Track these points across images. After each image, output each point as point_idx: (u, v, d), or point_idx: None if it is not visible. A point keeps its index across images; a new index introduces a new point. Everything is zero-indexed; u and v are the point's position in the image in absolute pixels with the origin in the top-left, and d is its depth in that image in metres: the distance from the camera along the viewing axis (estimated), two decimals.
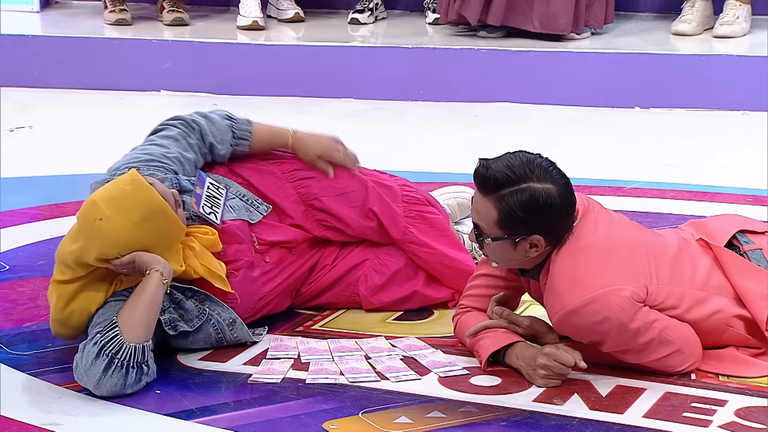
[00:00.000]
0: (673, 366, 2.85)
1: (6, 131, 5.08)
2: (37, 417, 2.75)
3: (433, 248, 3.28)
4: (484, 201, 2.79)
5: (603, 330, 2.78)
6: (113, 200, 2.87)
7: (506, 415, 2.74)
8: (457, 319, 3.04)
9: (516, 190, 2.75)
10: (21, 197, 4.22)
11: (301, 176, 3.25)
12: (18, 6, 6.19)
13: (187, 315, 2.97)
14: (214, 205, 3.07)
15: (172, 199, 2.93)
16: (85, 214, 2.89)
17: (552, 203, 2.75)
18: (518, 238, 2.79)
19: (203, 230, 3.04)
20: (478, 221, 2.82)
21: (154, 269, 2.86)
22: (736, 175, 4.40)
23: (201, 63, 5.65)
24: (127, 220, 2.85)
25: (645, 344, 2.81)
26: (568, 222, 2.82)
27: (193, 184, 3.08)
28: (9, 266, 3.61)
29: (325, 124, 5.24)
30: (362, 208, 3.26)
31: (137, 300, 2.85)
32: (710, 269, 2.92)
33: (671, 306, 2.83)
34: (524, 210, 2.75)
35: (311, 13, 6.09)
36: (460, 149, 4.77)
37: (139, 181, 2.89)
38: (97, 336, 2.82)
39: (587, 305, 2.75)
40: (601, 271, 2.78)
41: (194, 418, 2.75)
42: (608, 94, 5.38)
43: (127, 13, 5.90)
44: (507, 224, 2.78)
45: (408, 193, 3.35)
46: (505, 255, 2.84)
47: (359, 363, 2.98)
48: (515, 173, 2.75)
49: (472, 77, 5.46)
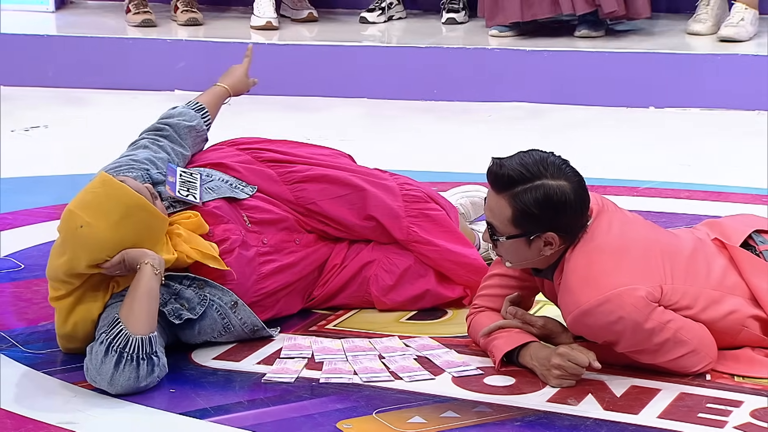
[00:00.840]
0: (687, 366, 2.85)
1: (21, 131, 5.09)
2: (53, 415, 2.76)
3: (437, 245, 3.27)
4: (497, 199, 2.79)
5: (617, 330, 2.77)
6: (89, 205, 2.88)
7: (520, 415, 2.73)
8: (471, 319, 3.04)
9: (530, 188, 2.75)
10: (36, 196, 4.23)
11: (297, 178, 3.25)
12: (33, 6, 6.21)
13: (188, 304, 2.98)
14: (190, 188, 3.09)
15: (147, 193, 2.94)
16: (66, 224, 2.91)
17: (566, 200, 2.75)
18: (532, 236, 2.79)
19: (186, 215, 3.05)
20: (492, 220, 2.82)
21: (144, 262, 2.87)
22: (752, 175, 4.38)
23: (215, 63, 5.63)
24: (107, 221, 2.86)
25: (660, 344, 2.80)
26: (582, 220, 2.81)
27: (165, 175, 3.10)
28: (24, 265, 3.62)
29: (338, 123, 5.25)
30: (361, 211, 3.25)
31: (134, 294, 2.86)
32: (725, 269, 2.91)
33: (686, 306, 2.83)
34: (538, 207, 2.74)
35: (325, 13, 6.09)
36: (473, 149, 4.76)
37: (110, 181, 2.90)
38: (102, 336, 2.83)
39: (601, 305, 2.74)
40: (616, 270, 2.77)
41: (208, 417, 2.75)
42: (622, 94, 5.36)
43: (152, 14, 5.92)
44: (521, 222, 2.77)
45: (408, 191, 3.33)
46: (520, 254, 2.83)
47: (373, 362, 2.98)
48: (529, 171, 2.75)
49: (486, 77, 5.45)
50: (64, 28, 6.02)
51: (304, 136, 4.19)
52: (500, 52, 5.48)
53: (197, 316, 2.98)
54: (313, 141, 3.75)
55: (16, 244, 3.77)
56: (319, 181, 3.25)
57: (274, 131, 3.94)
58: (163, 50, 5.68)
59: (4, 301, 3.37)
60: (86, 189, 2.94)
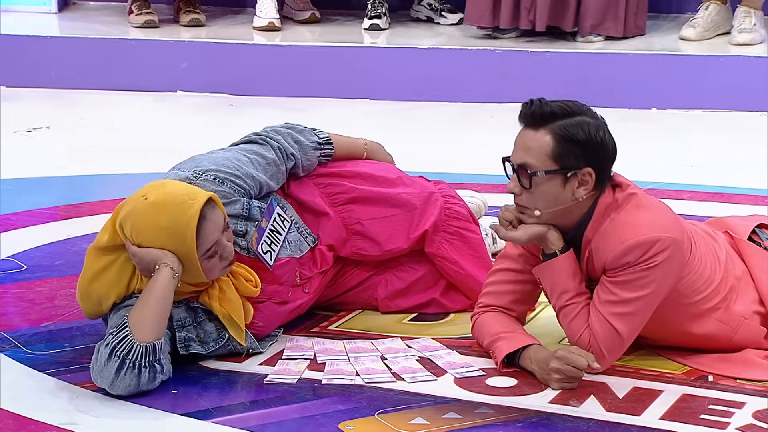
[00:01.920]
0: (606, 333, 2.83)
1: (24, 131, 5.10)
2: (55, 416, 2.76)
3: (462, 268, 3.25)
4: (536, 135, 2.82)
5: (643, 270, 2.76)
6: (166, 195, 2.84)
7: (522, 416, 2.73)
8: (476, 318, 3.03)
9: (573, 121, 2.81)
10: (38, 197, 4.23)
11: (344, 200, 3.21)
12: (36, 7, 6.21)
13: (204, 336, 2.94)
14: (273, 242, 3.00)
15: (217, 234, 2.85)
16: (149, 183, 2.89)
17: (605, 136, 2.82)
18: (570, 172, 2.79)
19: (247, 273, 2.96)
20: (528, 158, 2.81)
21: (163, 264, 2.83)
22: (754, 176, 4.38)
23: (217, 63, 5.66)
24: (156, 217, 2.83)
25: (635, 298, 2.81)
26: (611, 165, 2.85)
27: (262, 213, 3.02)
28: (26, 266, 3.62)
29: (340, 124, 5.24)
30: (405, 232, 3.21)
31: (147, 297, 2.83)
32: (734, 258, 2.94)
33: (706, 280, 2.86)
34: (582, 137, 2.79)
35: (327, 14, 6.09)
36: (475, 150, 4.76)
37: (197, 208, 2.81)
38: (110, 337, 2.82)
39: (660, 242, 2.76)
40: (676, 220, 2.83)
41: (210, 418, 2.75)
42: (625, 95, 5.36)
43: (154, 15, 5.92)
44: (562, 154, 2.79)
45: (451, 206, 3.31)
46: (553, 195, 2.82)
47: (375, 364, 2.98)
48: (570, 107, 2.84)
49: (488, 78, 5.45)
50: (67, 29, 6.02)
51: None
52: (502, 54, 5.48)
53: (206, 352, 2.95)
54: None
55: (18, 245, 3.77)
56: (365, 203, 3.21)
57: None
58: (166, 51, 5.68)
59: (6, 302, 3.37)
60: (183, 185, 2.87)
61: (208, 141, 4.79)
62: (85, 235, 3.82)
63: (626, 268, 2.79)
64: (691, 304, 2.87)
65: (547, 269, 2.85)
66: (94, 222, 3.96)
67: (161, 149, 4.76)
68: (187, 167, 3.03)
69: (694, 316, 2.88)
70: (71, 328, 3.19)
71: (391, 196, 3.25)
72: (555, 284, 2.85)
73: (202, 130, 5.12)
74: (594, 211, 2.83)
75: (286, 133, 3.17)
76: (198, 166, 3.02)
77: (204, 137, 4.94)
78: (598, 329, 2.82)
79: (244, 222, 2.99)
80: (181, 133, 5.08)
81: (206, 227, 2.84)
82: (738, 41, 5.45)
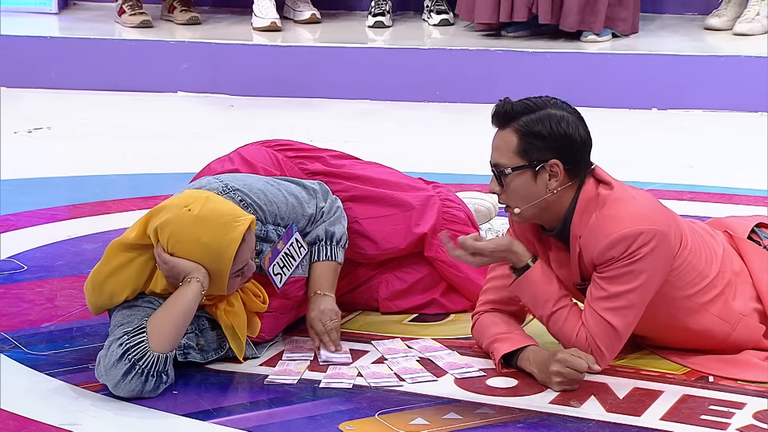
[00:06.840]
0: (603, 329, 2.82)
1: (24, 132, 5.10)
2: (55, 417, 2.76)
3: (461, 272, 3.25)
4: (503, 134, 2.86)
5: (635, 265, 2.76)
6: (211, 211, 2.82)
7: (522, 416, 2.73)
8: (476, 318, 3.03)
9: (535, 116, 2.84)
10: (38, 198, 4.23)
11: (342, 198, 3.20)
12: (36, 8, 6.21)
13: (205, 345, 2.94)
14: (285, 266, 3.00)
15: (249, 256, 2.86)
16: (190, 193, 2.88)
17: (569, 125, 2.83)
18: (537, 165, 2.81)
19: (256, 290, 2.97)
20: (498, 158, 2.86)
21: (195, 278, 2.81)
22: (755, 176, 4.38)
23: (218, 64, 5.66)
24: (198, 232, 2.81)
25: (628, 290, 2.80)
26: (585, 155, 2.86)
27: (279, 236, 3.02)
28: (27, 267, 3.62)
29: (341, 124, 5.25)
30: (402, 232, 3.22)
31: (172, 308, 2.81)
32: (733, 256, 2.94)
33: (700, 274, 2.86)
34: (542, 128, 2.81)
35: (327, 14, 6.09)
36: (476, 150, 4.75)
37: (240, 231, 2.80)
38: (124, 337, 2.79)
39: (643, 234, 2.76)
40: (656, 212, 2.83)
41: (211, 419, 2.75)
42: (626, 95, 5.36)
43: (148, 15, 5.91)
44: (526, 149, 2.82)
45: (449, 209, 3.32)
46: (525, 190, 2.83)
47: (376, 364, 2.98)
48: (533, 103, 2.87)
49: (489, 78, 5.45)
50: (67, 29, 6.02)
51: (307, 138, 4.19)
52: (504, 54, 5.48)
53: (204, 361, 2.94)
54: (316, 143, 3.75)
55: (18, 246, 3.77)
56: (363, 201, 3.22)
57: (276, 132, 3.94)
58: (166, 52, 5.68)
59: (6, 303, 3.37)
60: (229, 205, 2.85)
61: (208, 141, 4.81)
62: (86, 235, 3.83)
63: (613, 263, 2.80)
64: (686, 297, 2.87)
65: (525, 283, 2.86)
66: (95, 222, 3.96)
67: (161, 150, 4.77)
68: (219, 180, 3.01)
69: (690, 311, 2.88)
70: (71, 329, 3.19)
71: (389, 196, 3.25)
72: (536, 296, 2.86)
73: (202, 131, 5.12)
74: (576, 205, 2.83)
75: (335, 209, 3.13)
76: (241, 184, 3.00)
77: (204, 138, 4.94)
78: (594, 326, 2.82)
79: (260, 243, 3.00)
80: (181, 133, 5.08)
81: (243, 250, 2.85)
82: (737, 30, 5.45)
